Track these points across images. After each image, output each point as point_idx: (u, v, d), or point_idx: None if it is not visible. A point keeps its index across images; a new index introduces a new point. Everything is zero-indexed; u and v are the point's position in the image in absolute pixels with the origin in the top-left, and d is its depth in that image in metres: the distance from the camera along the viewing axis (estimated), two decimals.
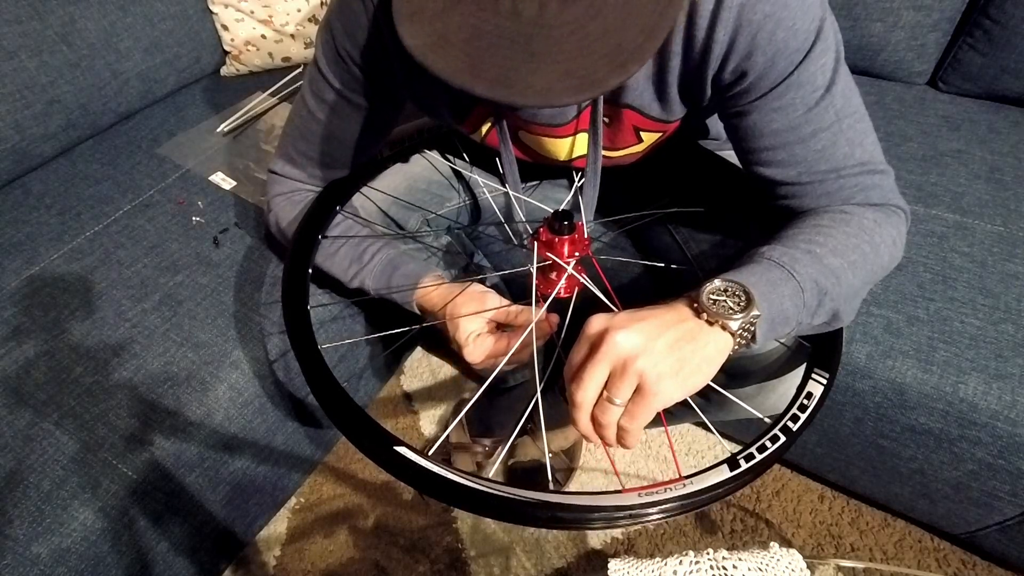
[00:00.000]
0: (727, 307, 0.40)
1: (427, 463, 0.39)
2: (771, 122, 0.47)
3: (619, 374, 0.38)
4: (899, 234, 0.50)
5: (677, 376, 0.38)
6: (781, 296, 0.42)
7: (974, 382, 0.62)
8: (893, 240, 0.49)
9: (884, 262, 0.49)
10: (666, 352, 0.38)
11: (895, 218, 0.50)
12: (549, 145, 0.60)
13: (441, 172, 0.75)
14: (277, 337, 0.74)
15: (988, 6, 0.88)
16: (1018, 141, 0.86)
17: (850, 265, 0.45)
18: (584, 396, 0.39)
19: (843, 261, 0.45)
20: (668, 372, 0.37)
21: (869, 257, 0.47)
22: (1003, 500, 0.68)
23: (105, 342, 0.70)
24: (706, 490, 0.38)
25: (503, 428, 0.97)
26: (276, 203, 0.67)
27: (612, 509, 0.37)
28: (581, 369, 0.39)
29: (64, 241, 0.82)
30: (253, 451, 0.76)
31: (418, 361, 1.14)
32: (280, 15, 1.08)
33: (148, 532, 0.66)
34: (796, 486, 0.92)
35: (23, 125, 0.90)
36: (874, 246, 0.47)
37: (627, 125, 0.55)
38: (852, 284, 0.46)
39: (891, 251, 0.49)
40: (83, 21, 0.93)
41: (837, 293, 0.44)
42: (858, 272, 0.46)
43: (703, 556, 0.48)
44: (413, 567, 0.88)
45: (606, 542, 0.88)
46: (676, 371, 0.38)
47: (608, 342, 0.38)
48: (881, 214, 0.50)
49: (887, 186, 0.50)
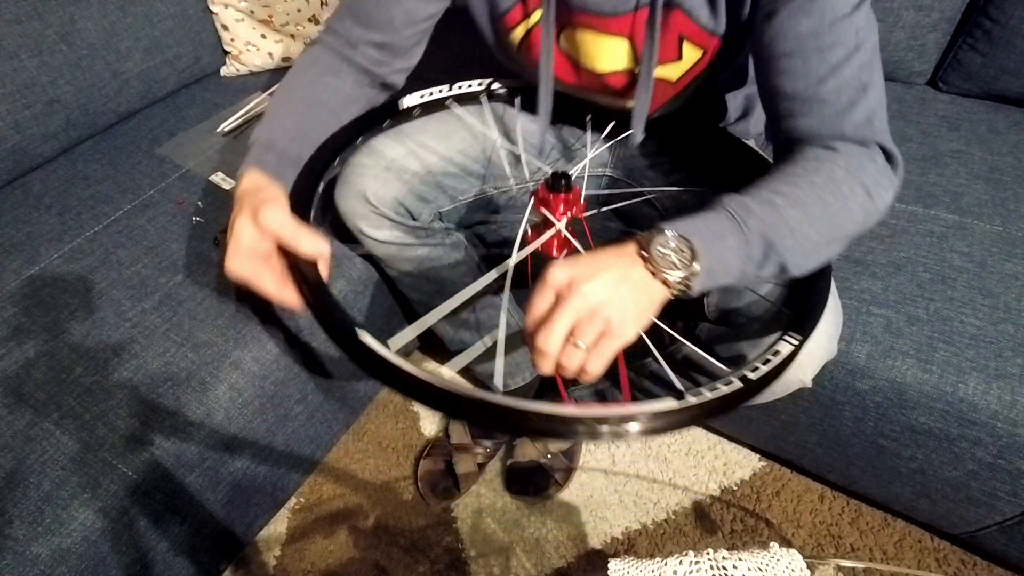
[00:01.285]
0: (671, 262, 0.43)
1: (387, 353, 0.41)
2: (796, 24, 0.48)
3: (587, 321, 0.40)
4: (878, 183, 0.50)
5: (636, 320, 0.42)
6: (724, 249, 0.44)
7: (974, 382, 0.62)
8: (867, 191, 0.49)
9: (855, 215, 0.49)
10: (629, 300, 0.41)
11: (876, 164, 0.50)
12: (593, 47, 0.60)
13: (456, 161, 0.73)
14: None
15: (988, 6, 0.88)
16: (1018, 141, 0.86)
17: (809, 218, 0.47)
18: (553, 344, 0.40)
19: (802, 213, 0.46)
20: (630, 317, 0.41)
21: (832, 209, 0.48)
22: (1003, 500, 0.68)
23: (105, 342, 0.70)
24: (653, 416, 0.39)
25: None
26: (306, 50, 0.66)
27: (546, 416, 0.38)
28: (548, 318, 0.41)
29: (64, 241, 0.82)
30: (253, 451, 0.76)
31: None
32: (280, 15, 1.08)
33: (148, 532, 0.66)
34: (796, 486, 0.92)
35: (23, 125, 0.90)
36: (840, 198, 0.48)
37: (673, 32, 0.56)
38: (809, 237, 0.47)
39: (865, 204, 0.49)
40: (83, 21, 0.93)
41: (788, 246, 0.46)
42: (818, 225, 0.47)
43: (703, 556, 0.48)
44: (413, 567, 0.88)
45: (606, 542, 0.88)
46: (636, 316, 0.41)
47: (577, 293, 0.40)
48: (863, 159, 0.50)
49: (880, 126, 0.51)
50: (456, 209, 0.75)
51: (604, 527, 0.90)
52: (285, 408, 0.78)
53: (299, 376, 0.78)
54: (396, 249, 0.72)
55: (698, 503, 0.91)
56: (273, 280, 0.51)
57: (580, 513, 0.92)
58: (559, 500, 0.93)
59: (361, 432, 1.04)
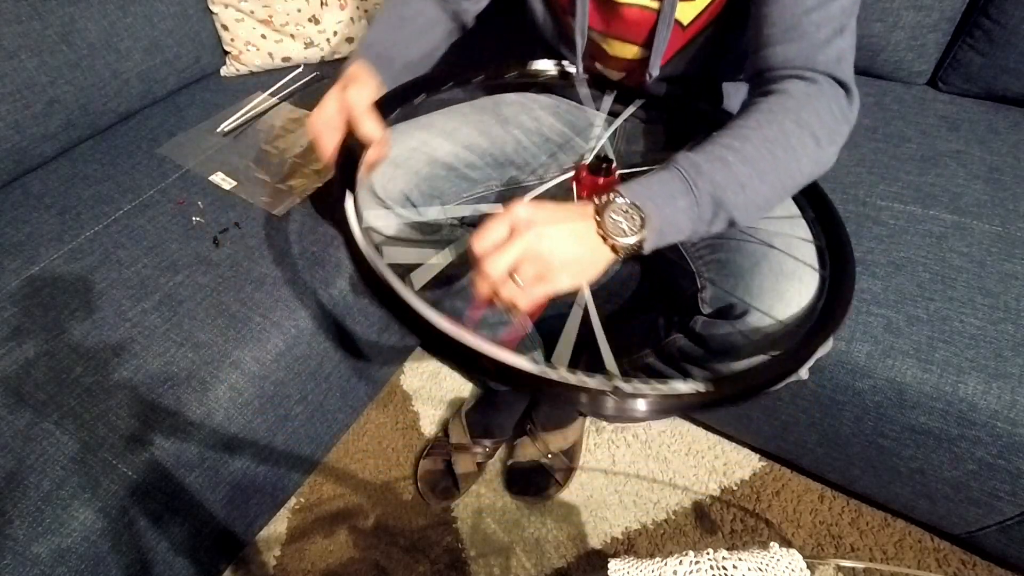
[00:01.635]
0: (621, 229, 0.46)
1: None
2: None
3: (530, 261, 0.44)
4: (830, 130, 0.52)
5: (574, 275, 0.46)
6: (676, 211, 0.48)
7: (974, 381, 0.62)
8: (817, 141, 0.51)
9: (804, 167, 0.52)
10: (573, 255, 0.45)
11: (831, 107, 0.53)
12: None
13: (463, 157, 0.74)
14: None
15: (988, 6, 0.88)
16: (1017, 141, 0.86)
17: (759, 173, 0.49)
18: (497, 271, 0.44)
19: (752, 169, 0.49)
20: (569, 271, 0.45)
21: (782, 163, 0.50)
22: (1003, 500, 0.68)
23: (105, 342, 0.70)
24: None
25: (502, 429, 0.97)
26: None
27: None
28: (500, 246, 0.45)
29: (64, 241, 0.82)
30: (253, 451, 0.76)
31: (418, 361, 1.14)
32: (280, 15, 1.08)
33: (148, 532, 0.66)
34: (796, 486, 0.92)
35: (23, 125, 0.90)
36: (790, 151, 0.51)
37: None
38: (759, 191, 0.50)
39: (815, 154, 0.52)
40: (83, 21, 0.93)
41: (738, 203, 0.49)
42: (768, 179, 0.50)
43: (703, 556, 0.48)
44: (413, 567, 0.88)
45: (606, 542, 0.89)
46: (575, 272, 0.46)
47: (531, 234, 0.44)
48: (818, 102, 0.52)
49: (846, 68, 0.54)
50: (463, 205, 0.75)
51: (604, 527, 0.90)
52: (285, 408, 0.78)
53: (299, 376, 0.78)
54: (400, 244, 0.73)
55: (698, 503, 0.91)
56: (329, 146, 0.60)
57: (580, 513, 0.92)
58: (559, 500, 0.93)
59: (361, 432, 1.04)
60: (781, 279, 0.56)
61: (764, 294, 0.56)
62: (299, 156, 0.95)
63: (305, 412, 0.83)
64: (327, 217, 0.85)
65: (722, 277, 0.60)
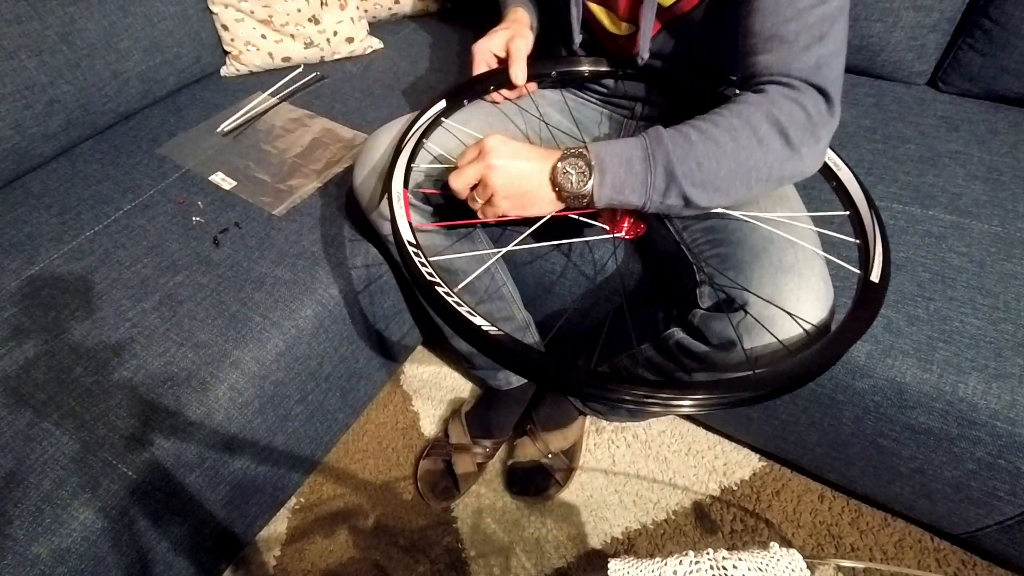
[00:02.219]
0: (570, 180, 0.54)
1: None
2: None
3: (481, 186, 0.56)
4: (804, 131, 0.54)
5: (515, 207, 0.56)
6: (630, 174, 0.53)
7: (974, 381, 0.62)
8: (787, 139, 0.53)
9: (768, 160, 0.54)
10: (516, 191, 0.55)
11: (808, 112, 0.54)
12: None
13: None
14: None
15: (988, 6, 0.88)
16: (1017, 141, 0.86)
17: (719, 154, 0.52)
18: (458, 186, 0.57)
19: (713, 149, 0.52)
20: (511, 203, 0.56)
21: (744, 150, 0.53)
22: (1003, 500, 0.68)
23: (105, 342, 0.70)
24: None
25: (502, 429, 0.97)
26: None
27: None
28: (463, 168, 0.56)
29: (64, 241, 0.82)
30: (253, 451, 0.76)
31: (418, 361, 1.14)
32: (280, 15, 1.08)
33: (148, 532, 0.66)
34: (796, 486, 0.92)
35: (23, 125, 0.90)
36: (755, 140, 0.53)
37: None
38: (716, 172, 0.53)
39: (781, 152, 0.54)
40: (83, 21, 0.93)
41: (691, 177, 0.52)
42: (726, 162, 0.53)
43: (703, 556, 0.48)
44: (413, 567, 0.88)
45: (606, 542, 0.89)
46: (516, 204, 0.56)
47: (484, 164, 0.55)
48: (794, 105, 0.53)
49: (828, 75, 0.54)
50: None
51: (604, 527, 0.90)
52: (285, 408, 0.78)
53: (299, 376, 0.78)
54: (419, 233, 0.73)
55: (698, 503, 0.91)
56: (479, 71, 0.72)
57: (580, 513, 0.92)
58: (559, 500, 0.93)
59: (361, 432, 1.04)
60: (779, 273, 0.56)
61: (762, 288, 0.56)
62: (299, 156, 0.95)
63: (305, 412, 0.83)
64: (327, 217, 0.85)
65: (721, 271, 0.60)
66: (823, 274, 0.58)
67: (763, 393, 0.43)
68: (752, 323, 0.56)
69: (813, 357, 0.47)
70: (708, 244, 0.64)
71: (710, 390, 0.42)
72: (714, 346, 0.59)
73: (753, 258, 0.58)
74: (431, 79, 1.11)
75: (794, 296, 0.55)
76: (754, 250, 0.59)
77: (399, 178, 0.61)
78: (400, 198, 0.59)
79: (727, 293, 0.58)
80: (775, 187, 0.57)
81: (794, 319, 0.55)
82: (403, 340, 1.00)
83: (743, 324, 0.57)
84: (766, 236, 0.59)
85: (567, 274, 0.84)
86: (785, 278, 0.56)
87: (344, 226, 0.84)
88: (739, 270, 0.58)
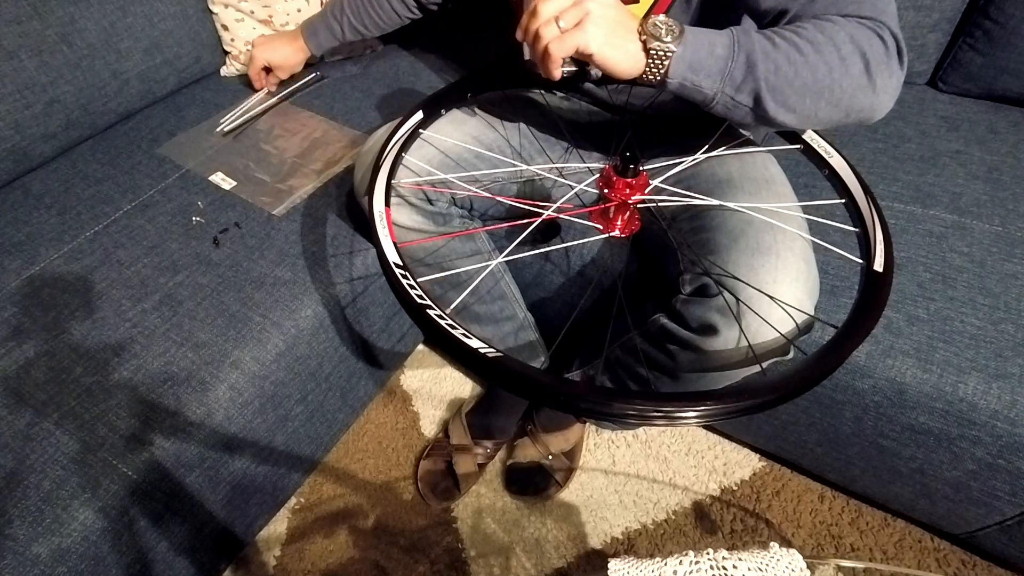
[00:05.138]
0: (659, 31, 0.50)
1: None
2: None
3: (576, 9, 0.50)
4: (880, 62, 0.52)
5: (605, 40, 0.50)
6: (711, 51, 0.51)
7: (974, 381, 0.62)
8: (867, 64, 0.51)
9: (847, 79, 0.51)
10: (612, 22, 0.50)
11: (885, 45, 0.52)
12: None
13: (472, 149, 0.74)
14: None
15: (988, 6, 0.88)
16: (1017, 141, 0.86)
17: (800, 60, 0.50)
18: (547, 10, 0.50)
19: (795, 54, 0.50)
20: (603, 31, 0.49)
21: (825, 63, 0.51)
22: (1003, 500, 0.68)
23: (105, 342, 0.70)
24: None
25: (503, 430, 0.97)
26: None
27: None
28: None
29: (64, 241, 0.82)
30: (253, 451, 0.76)
31: (418, 361, 1.14)
32: (280, 15, 1.08)
33: (148, 532, 0.66)
34: (796, 486, 0.92)
35: (23, 125, 0.90)
36: (837, 56, 0.51)
37: None
38: (792, 79, 0.51)
39: (860, 75, 0.52)
40: (83, 21, 0.93)
41: (769, 77, 0.51)
42: (803, 72, 0.51)
43: (703, 556, 0.48)
44: (413, 567, 0.88)
45: (606, 542, 0.88)
46: (607, 35, 0.50)
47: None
48: (871, 34, 0.52)
49: (891, 18, 0.53)
50: (472, 196, 0.76)
51: (604, 527, 0.90)
52: (285, 408, 0.78)
53: (299, 376, 0.78)
54: (413, 235, 0.73)
55: (698, 503, 0.91)
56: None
57: (580, 513, 0.92)
58: (559, 500, 0.93)
59: (361, 432, 1.04)
60: (756, 255, 0.57)
61: (739, 270, 0.56)
62: (299, 156, 0.95)
63: (305, 412, 0.83)
64: (327, 217, 0.85)
65: (702, 256, 0.60)
66: (805, 255, 0.58)
67: (773, 398, 0.42)
68: (730, 305, 0.56)
69: (816, 361, 0.46)
70: (692, 231, 0.64)
71: (717, 400, 0.41)
72: (694, 330, 0.59)
73: (731, 241, 0.59)
74: (431, 79, 1.11)
75: (771, 277, 0.56)
76: (732, 233, 0.59)
77: (380, 198, 0.58)
78: (382, 217, 0.56)
79: (708, 277, 0.59)
80: (840, 119, 0.55)
81: (775, 301, 0.55)
82: (403, 340, 1.00)
83: (721, 307, 0.57)
84: (745, 219, 0.60)
85: (563, 273, 0.84)
86: (762, 259, 0.56)
87: (344, 226, 0.84)
88: (717, 253, 0.59)
